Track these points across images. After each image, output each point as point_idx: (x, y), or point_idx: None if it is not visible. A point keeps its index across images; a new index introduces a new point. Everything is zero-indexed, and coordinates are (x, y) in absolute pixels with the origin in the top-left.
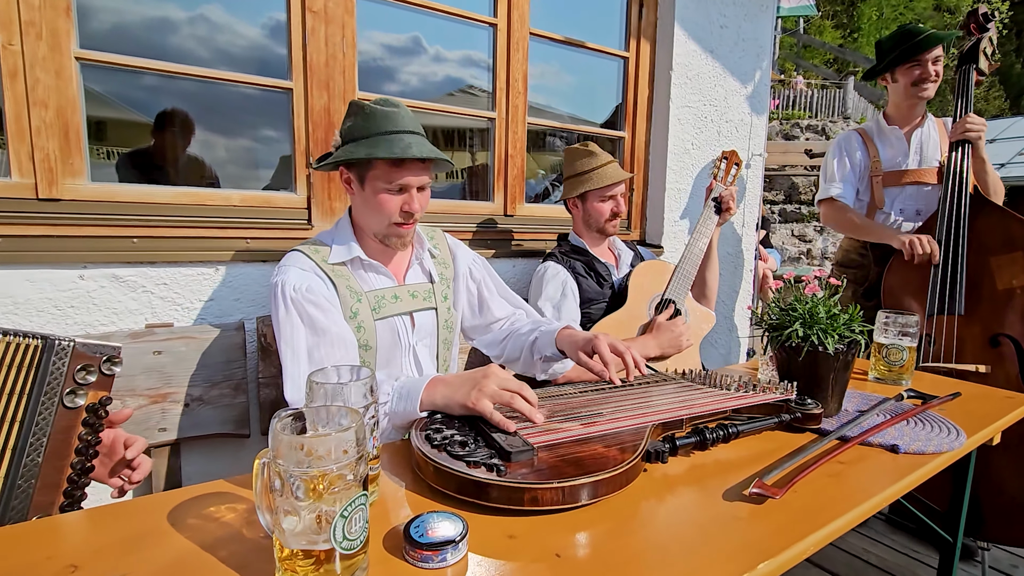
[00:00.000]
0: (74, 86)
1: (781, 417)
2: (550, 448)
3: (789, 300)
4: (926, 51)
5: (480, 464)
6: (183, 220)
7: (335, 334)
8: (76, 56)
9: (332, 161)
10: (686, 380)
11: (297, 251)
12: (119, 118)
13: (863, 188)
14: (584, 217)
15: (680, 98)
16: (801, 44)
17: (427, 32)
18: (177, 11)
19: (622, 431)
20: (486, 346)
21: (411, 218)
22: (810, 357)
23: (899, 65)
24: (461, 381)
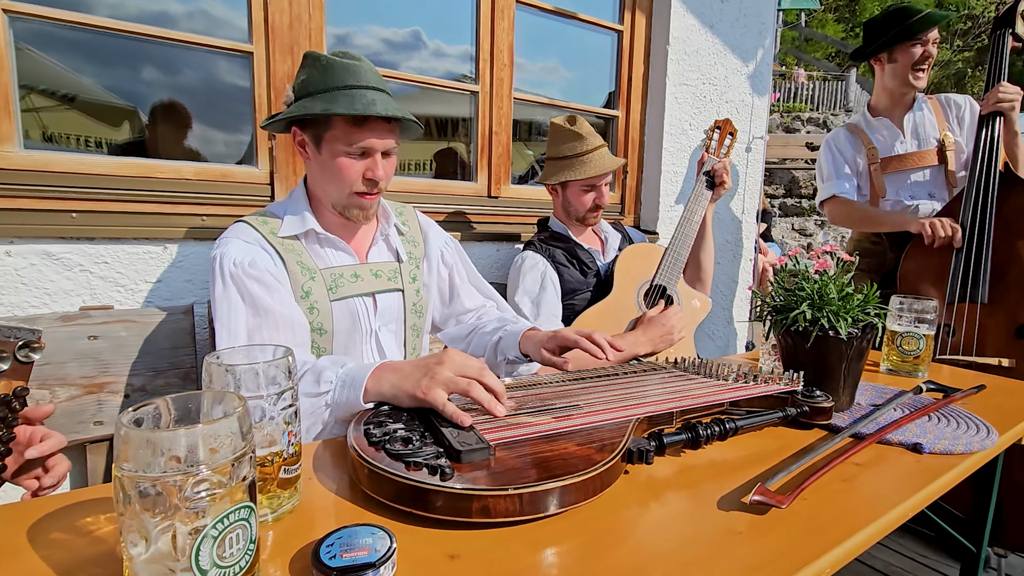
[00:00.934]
0: (1, 42)
1: (786, 411)
2: (511, 446)
3: (794, 281)
4: (927, 30)
5: (422, 466)
6: (129, 194)
7: (280, 315)
8: (3, 8)
9: (283, 118)
10: (677, 370)
11: (242, 222)
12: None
13: (863, 181)
14: (564, 204)
15: (677, 75)
16: (803, 37)
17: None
18: None
19: (601, 426)
20: (451, 340)
21: (375, 187)
22: (819, 343)
23: (899, 43)
24: (413, 367)
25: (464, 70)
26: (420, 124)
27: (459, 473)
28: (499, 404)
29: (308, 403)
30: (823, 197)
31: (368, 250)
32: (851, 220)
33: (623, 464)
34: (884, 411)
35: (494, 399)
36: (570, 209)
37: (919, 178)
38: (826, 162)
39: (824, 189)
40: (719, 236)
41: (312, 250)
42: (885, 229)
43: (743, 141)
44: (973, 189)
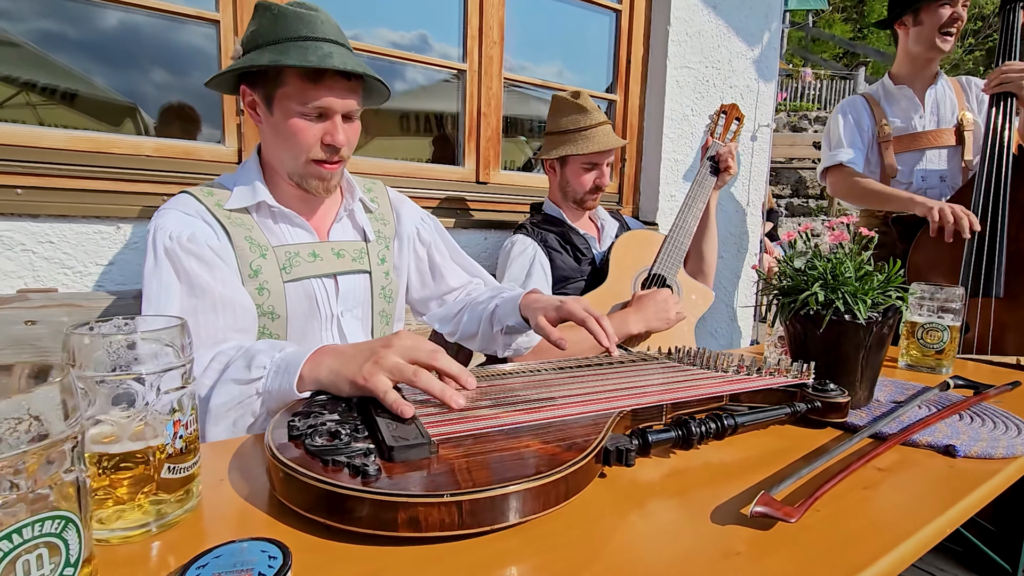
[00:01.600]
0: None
1: (794, 407)
2: (462, 443)
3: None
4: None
5: (343, 465)
6: (82, 170)
7: (220, 296)
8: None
9: (229, 70)
10: (671, 360)
11: (186, 192)
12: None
13: (872, 158)
14: (561, 184)
15: (679, 58)
16: (810, 38)
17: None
18: None
19: (575, 421)
20: (438, 321)
21: (335, 154)
22: (833, 329)
23: (926, 3)
24: (356, 351)
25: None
26: (387, 85)
27: (389, 475)
28: (455, 394)
29: (237, 391)
30: (827, 164)
31: (330, 227)
32: (853, 194)
33: (598, 466)
34: (907, 409)
35: (447, 388)
36: (568, 189)
37: (933, 158)
38: (838, 127)
39: (830, 156)
40: (722, 228)
41: (264, 225)
42: (889, 208)
43: (748, 129)
44: (984, 173)
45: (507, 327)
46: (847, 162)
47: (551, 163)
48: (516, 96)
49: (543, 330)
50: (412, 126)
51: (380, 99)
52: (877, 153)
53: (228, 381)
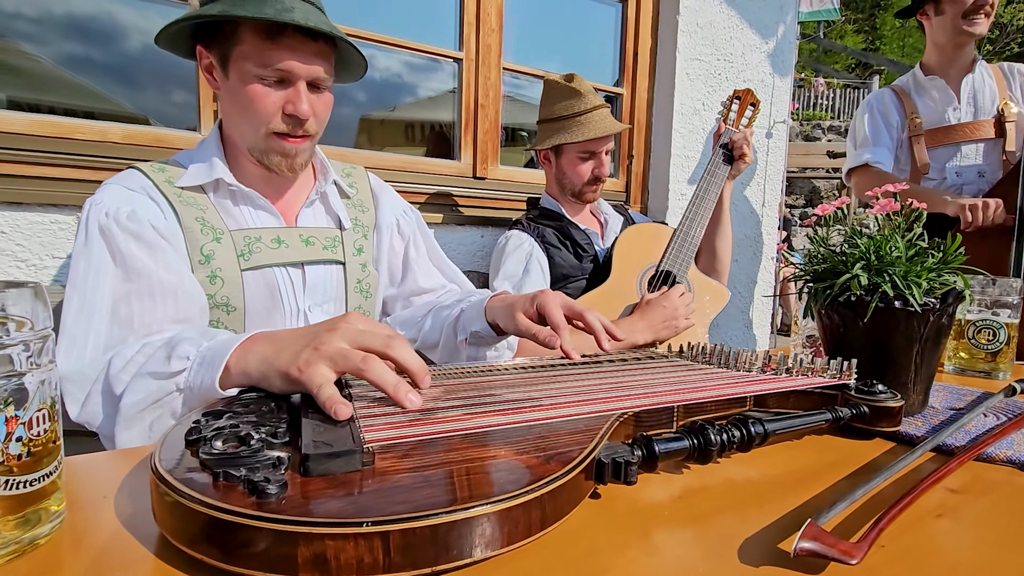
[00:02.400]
0: None
1: (836, 412)
2: (410, 451)
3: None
4: None
5: (240, 480)
6: (45, 156)
7: (159, 281)
8: None
9: (175, 22)
10: (683, 359)
11: (133, 167)
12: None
13: (903, 155)
14: (557, 176)
15: (689, 49)
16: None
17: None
18: None
19: (561, 425)
20: (401, 324)
21: (299, 127)
22: (880, 319)
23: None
24: (296, 336)
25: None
26: (362, 53)
27: (302, 495)
28: (409, 390)
29: (155, 387)
30: (853, 164)
31: (299, 211)
32: None
33: (588, 483)
34: (972, 417)
35: (402, 384)
36: (565, 181)
37: (970, 153)
38: (864, 125)
39: (855, 156)
40: (736, 231)
41: (222, 206)
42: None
43: (763, 126)
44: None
45: (472, 335)
46: (872, 162)
47: (545, 154)
48: (519, 106)
49: (526, 329)
50: (417, 136)
51: (355, 73)
52: (908, 150)
53: (145, 375)
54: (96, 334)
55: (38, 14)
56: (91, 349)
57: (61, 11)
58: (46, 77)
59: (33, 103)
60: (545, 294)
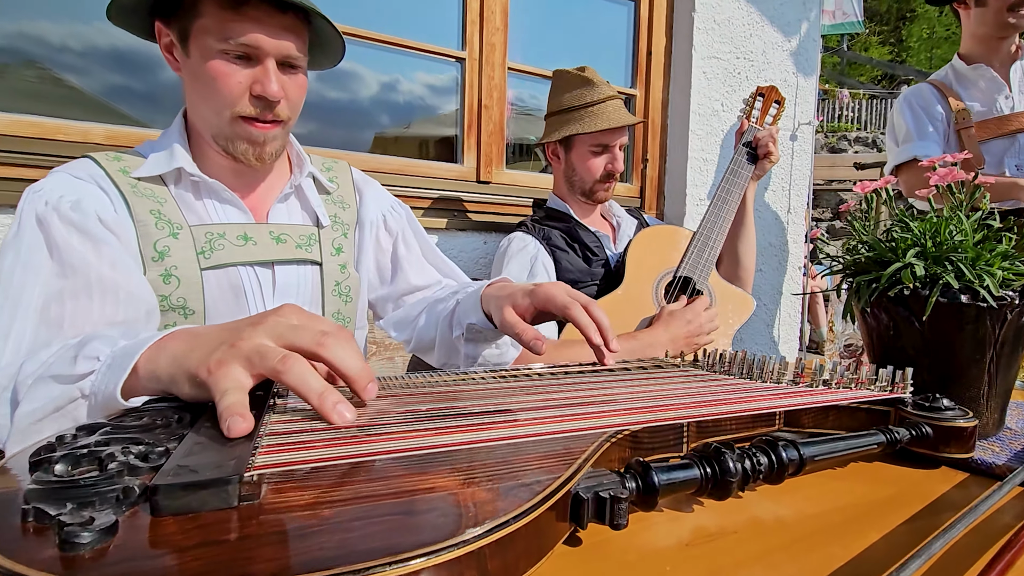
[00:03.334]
0: None
1: (891, 433)
2: (316, 483)
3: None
4: None
5: (54, 522)
6: (21, 157)
7: (98, 278)
8: None
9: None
10: (697, 368)
11: (87, 156)
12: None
13: (951, 149)
14: (567, 172)
15: (706, 47)
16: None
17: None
18: None
19: (532, 446)
20: (395, 326)
21: (268, 111)
22: (943, 318)
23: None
24: (216, 332)
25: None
26: (338, 31)
27: (129, 544)
28: (340, 403)
29: (57, 392)
30: (899, 161)
31: (271, 206)
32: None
33: (561, 525)
34: None
35: (330, 394)
36: (575, 179)
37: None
38: (905, 120)
39: (900, 152)
40: (760, 239)
41: (183, 200)
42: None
43: (787, 128)
44: None
45: (468, 329)
46: (922, 155)
47: (554, 148)
48: (527, 120)
49: (511, 327)
50: (432, 151)
51: (333, 56)
52: (956, 145)
53: (47, 378)
54: (19, 336)
55: (78, 45)
56: (10, 353)
57: (103, 43)
58: (83, 102)
59: None
60: (543, 285)
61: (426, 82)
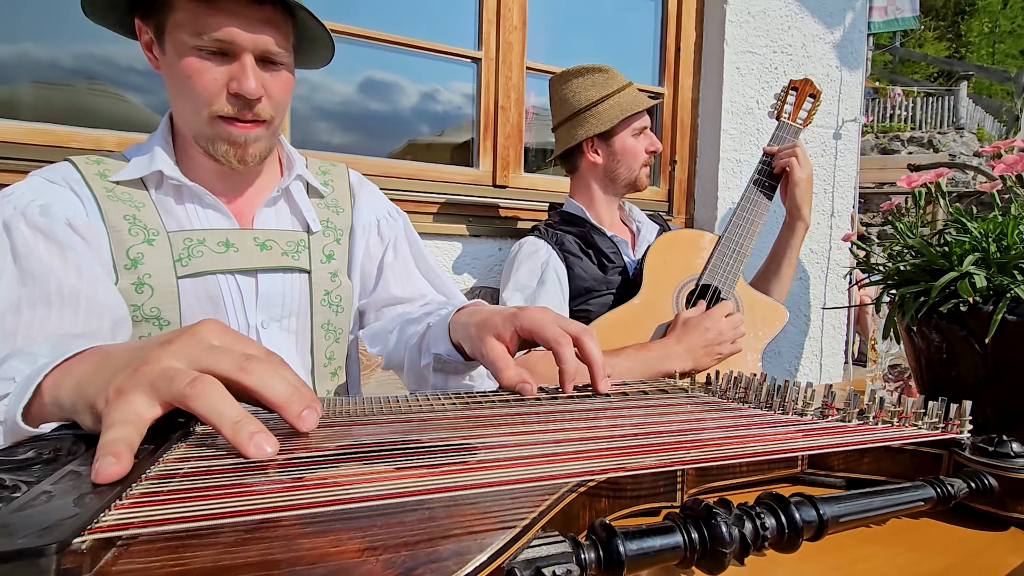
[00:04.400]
0: None
1: (942, 486)
2: (171, 547)
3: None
4: None
5: None
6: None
7: (59, 286)
8: None
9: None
10: (709, 394)
11: (66, 160)
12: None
13: None
14: (610, 167)
15: (739, 40)
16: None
17: None
18: None
19: (476, 496)
20: (370, 339)
21: (248, 109)
22: (1012, 340)
23: None
24: (127, 351)
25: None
26: (324, 26)
27: None
28: (257, 431)
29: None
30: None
31: (256, 211)
32: None
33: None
34: None
35: (245, 424)
36: (620, 171)
37: None
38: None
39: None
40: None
41: (163, 204)
42: None
43: (831, 125)
44: None
45: (435, 359)
46: None
47: (594, 145)
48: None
49: (492, 364)
50: (450, 155)
51: (322, 55)
52: None
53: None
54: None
55: (142, 66)
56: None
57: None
58: (136, 118)
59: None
60: (528, 310)
61: (447, 85)
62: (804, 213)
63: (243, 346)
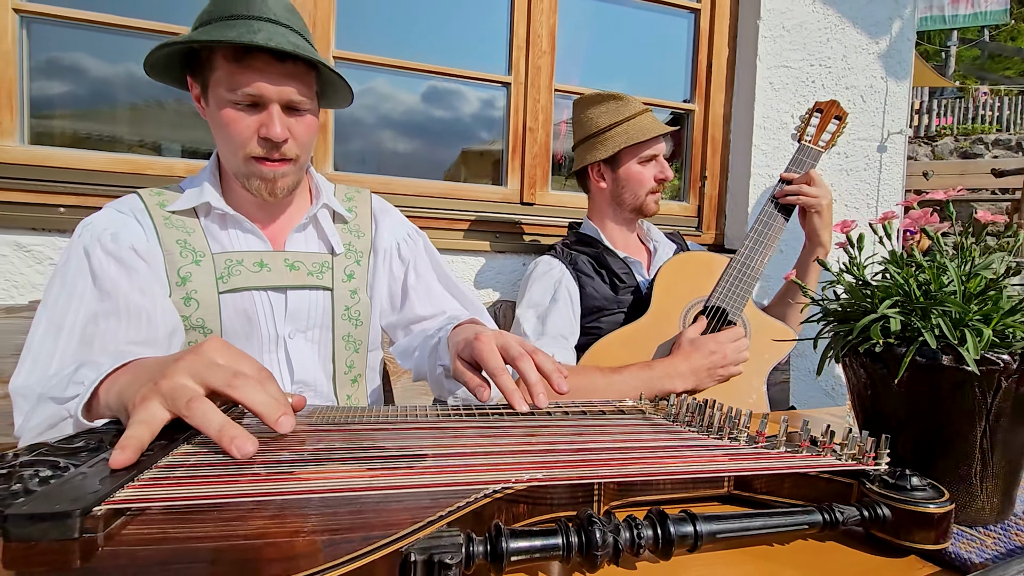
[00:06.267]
0: (9, 39)
1: (831, 513)
2: (166, 520)
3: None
4: None
5: None
6: (119, 190)
7: (126, 302)
8: (14, 7)
9: (153, 51)
10: (661, 416)
11: (135, 192)
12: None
13: None
14: (615, 191)
15: (773, 55)
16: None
17: None
18: None
19: (402, 495)
20: (400, 355)
21: (275, 150)
22: (924, 382)
23: None
24: (155, 366)
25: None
26: (339, 74)
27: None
28: (238, 436)
29: (52, 411)
30: None
31: (288, 236)
32: None
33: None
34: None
35: (228, 429)
36: (625, 196)
37: None
38: None
39: None
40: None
41: (210, 230)
42: None
43: (874, 138)
44: None
45: (445, 368)
46: None
47: (600, 170)
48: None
49: (458, 376)
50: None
51: (342, 98)
52: None
53: (47, 398)
54: (62, 353)
55: None
56: (55, 367)
57: None
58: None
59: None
60: (481, 338)
61: (481, 107)
62: (823, 239)
63: (238, 364)
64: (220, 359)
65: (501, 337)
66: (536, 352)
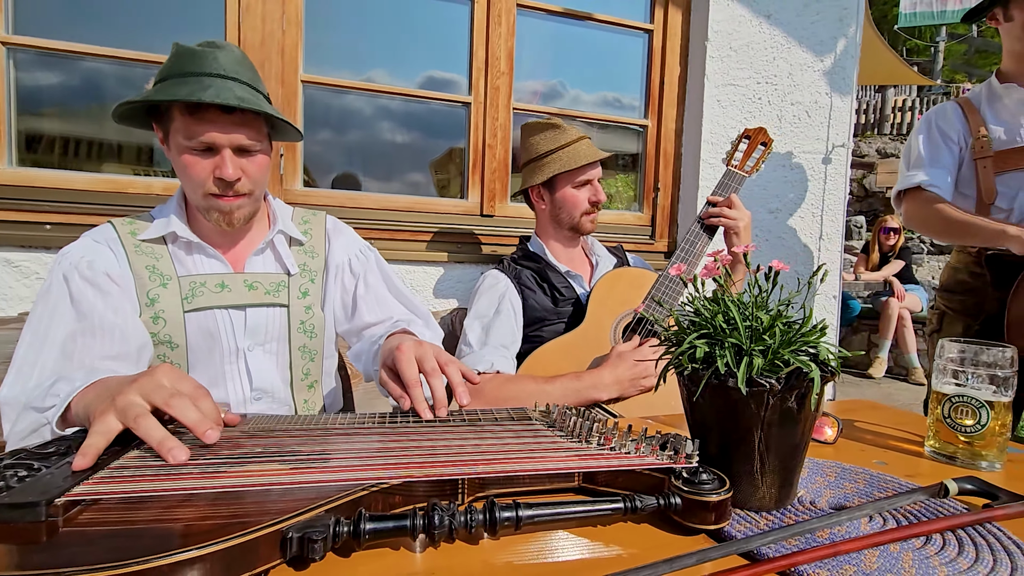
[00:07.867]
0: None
1: (633, 501)
2: (111, 509)
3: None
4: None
5: None
6: (101, 208)
7: (101, 321)
8: (1, 40)
9: (119, 105)
10: (543, 423)
11: (109, 222)
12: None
13: (967, 180)
14: (553, 212)
15: (720, 74)
16: (974, 50)
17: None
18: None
19: (297, 489)
20: (353, 359)
21: (229, 188)
22: (717, 399)
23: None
24: (115, 385)
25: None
26: (284, 119)
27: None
28: (174, 446)
29: (33, 418)
30: (903, 187)
31: (247, 259)
32: (929, 224)
33: (272, 552)
34: (846, 519)
35: (166, 440)
36: (562, 216)
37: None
38: (919, 143)
39: (906, 177)
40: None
41: (176, 256)
42: (973, 242)
43: (819, 151)
44: None
45: (378, 373)
46: (926, 184)
47: (538, 192)
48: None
49: (384, 385)
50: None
51: (289, 135)
52: (973, 175)
53: (29, 408)
54: (43, 366)
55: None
56: (35, 378)
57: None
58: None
59: None
60: (401, 349)
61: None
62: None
63: (180, 385)
64: (166, 381)
65: (420, 348)
66: (448, 364)
